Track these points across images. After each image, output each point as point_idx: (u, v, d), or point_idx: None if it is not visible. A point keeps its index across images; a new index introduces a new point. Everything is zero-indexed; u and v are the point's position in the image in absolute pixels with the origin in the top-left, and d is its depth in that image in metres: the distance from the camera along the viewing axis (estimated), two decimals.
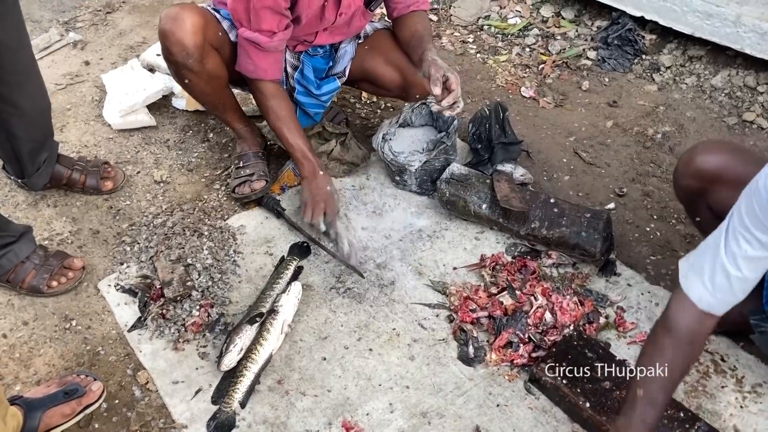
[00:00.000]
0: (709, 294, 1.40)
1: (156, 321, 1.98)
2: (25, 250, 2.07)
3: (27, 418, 1.68)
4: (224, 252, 2.20)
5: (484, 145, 2.45)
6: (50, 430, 1.72)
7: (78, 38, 3.32)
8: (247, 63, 2.14)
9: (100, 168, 2.43)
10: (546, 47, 3.25)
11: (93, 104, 2.90)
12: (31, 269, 2.06)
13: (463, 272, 2.16)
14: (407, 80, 2.34)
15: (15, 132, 2.11)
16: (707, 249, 1.41)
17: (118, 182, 2.46)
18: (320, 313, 2.04)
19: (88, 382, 1.80)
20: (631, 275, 2.15)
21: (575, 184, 2.52)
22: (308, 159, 2.23)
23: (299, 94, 2.40)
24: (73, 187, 2.41)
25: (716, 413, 1.78)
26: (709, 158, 1.70)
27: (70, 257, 2.13)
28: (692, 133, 2.73)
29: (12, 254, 2.04)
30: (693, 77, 2.97)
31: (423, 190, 2.42)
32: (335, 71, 2.39)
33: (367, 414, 1.78)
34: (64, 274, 2.09)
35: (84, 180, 2.40)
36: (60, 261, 2.11)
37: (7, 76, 1.97)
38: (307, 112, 2.46)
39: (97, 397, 1.79)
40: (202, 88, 2.21)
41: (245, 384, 1.81)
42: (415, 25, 2.28)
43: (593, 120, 2.83)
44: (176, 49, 2.06)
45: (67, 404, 1.74)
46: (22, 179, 2.32)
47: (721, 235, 1.38)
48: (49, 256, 2.10)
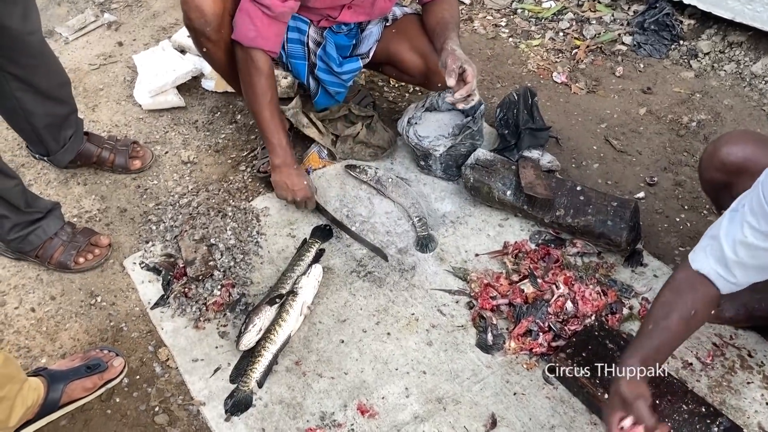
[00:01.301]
0: (707, 265, 1.45)
1: (178, 299, 2.01)
2: (53, 226, 2.10)
3: (50, 390, 1.72)
4: (247, 233, 2.21)
5: (511, 130, 2.41)
6: (72, 402, 1.77)
7: (112, 19, 3.36)
8: (249, 29, 2.05)
9: (129, 147, 2.47)
10: (580, 32, 3.18)
11: (125, 84, 2.94)
12: (59, 245, 2.10)
13: (485, 259, 2.14)
14: (430, 68, 2.31)
15: (31, 109, 2.14)
16: (711, 227, 1.48)
17: (146, 161, 2.49)
18: (340, 296, 2.04)
19: (111, 357, 1.84)
20: (658, 266, 2.10)
21: (605, 172, 2.47)
22: (284, 149, 2.20)
23: (320, 71, 2.38)
24: (102, 165, 2.45)
25: (740, 409, 1.74)
26: (735, 150, 1.65)
27: (96, 234, 2.17)
28: (729, 121, 2.65)
29: (41, 230, 2.08)
30: (732, 64, 2.87)
31: (448, 175, 2.40)
32: (359, 51, 2.37)
33: (382, 397, 1.78)
34: (90, 251, 2.13)
35: (113, 158, 2.44)
36: (87, 238, 2.15)
37: (21, 59, 2.01)
38: (328, 91, 2.44)
39: (118, 373, 1.83)
40: (220, 56, 2.20)
41: (263, 364, 1.82)
42: (443, 12, 2.24)
43: (626, 107, 2.76)
44: (194, 15, 2.05)
45: (89, 378, 1.78)
46: (48, 156, 2.37)
47: (725, 217, 1.43)
48: (76, 233, 2.15)
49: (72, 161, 2.40)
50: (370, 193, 2.37)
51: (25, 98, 2.11)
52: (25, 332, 1.97)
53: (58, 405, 1.74)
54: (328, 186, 2.40)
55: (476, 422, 1.72)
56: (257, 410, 1.76)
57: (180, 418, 1.77)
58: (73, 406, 1.78)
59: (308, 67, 2.37)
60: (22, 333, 1.97)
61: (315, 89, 2.44)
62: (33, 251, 2.10)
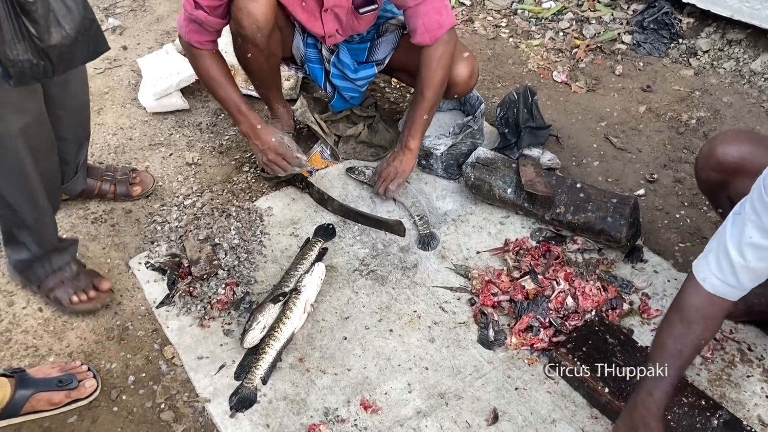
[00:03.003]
0: (713, 276, 1.41)
1: (183, 298, 2.04)
2: (59, 261, 2.00)
3: (15, 394, 1.71)
4: (251, 232, 2.24)
5: (512, 129, 2.43)
6: (34, 413, 1.76)
7: (117, 23, 3.40)
8: (180, 19, 2.14)
9: (128, 176, 2.41)
10: (580, 31, 3.20)
11: (129, 88, 2.97)
12: (59, 281, 2.00)
13: (486, 256, 2.16)
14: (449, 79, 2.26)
15: (65, 136, 2.03)
16: (717, 234, 1.43)
17: (146, 186, 2.43)
18: (343, 293, 2.06)
19: (86, 377, 1.82)
20: (658, 262, 2.12)
21: (605, 169, 2.49)
22: (243, 114, 2.21)
23: (335, 77, 2.42)
24: (104, 197, 2.39)
25: (740, 402, 1.75)
26: (730, 150, 1.65)
27: (99, 277, 2.07)
28: (728, 118, 2.67)
29: (47, 263, 1.99)
30: (731, 61, 2.89)
31: (449, 174, 2.42)
32: (375, 58, 2.39)
33: (385, 393, 1.80)
34: (87, 293, 2.02)
35: (114, 189, 2.38)
36: (89, 280, 2.04)
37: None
38: (343, 96, 2.48)
39: (87, 395, 1.80)
40: (261, 64, 2.25)
41: (267, 361, 1.85)
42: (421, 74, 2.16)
43: (626, 105, 2.78)
44: (248, 22, 2.06)
45: (56, 393, 1.76)
46: (61, 185, 2.18)
47: (728, 221, 1.39)
48: (80, 273, 2.04)
49: None
50: (372, 192, 2.39)
51: (59, 125, 1.96)
52: (33, 331, 2.00)
53: (19, 412, 1.73)
54: (331, 186, 2.42)
55: (478, 417, 1.74)
56: (261, 406, 1.78)
57: (185, 415, 1.79)
58: (33, 417, 1.76)
59: (324, 73, 2.42)
60: (30, 332, 1.99)
61: (331, 94, 2.49)
62: (36, 281, 2.02)
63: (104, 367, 1.90)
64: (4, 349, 1.95)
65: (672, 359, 1.46)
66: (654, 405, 1.45)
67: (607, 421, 1.72)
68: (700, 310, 1.44)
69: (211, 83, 2.22)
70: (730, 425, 1.62)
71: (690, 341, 1.45)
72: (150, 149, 2.64)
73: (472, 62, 2.27)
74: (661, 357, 1.47)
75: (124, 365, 1.91)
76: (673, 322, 1.48)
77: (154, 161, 2.58)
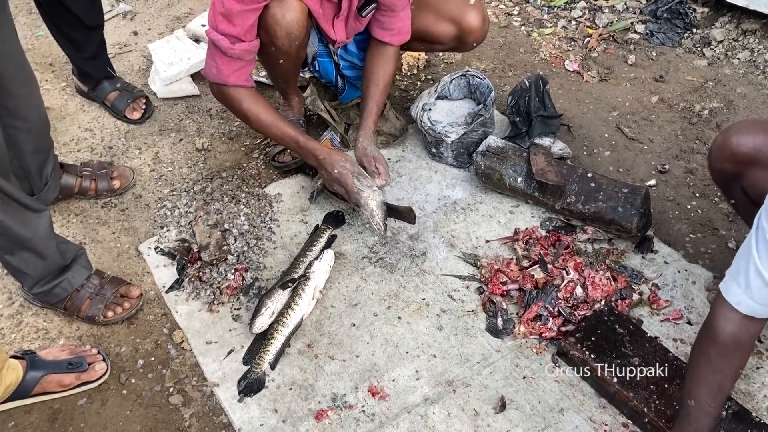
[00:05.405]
0: (747, 297, 1.36)
1: (192, 283, 2.04)
2: (79, 277, 1.96)
3: (26, 376, 1.73)
4: (260, 219, 2.24)
5: (523, 118, 2.42)
6: (44, 394, 1.78)
7: (128, 9, 3.40)
8: (211, 66, 2.05)
9: (107, 170, 2.36)
10: (593, 20, 3.17)
11: (140, 73, 2.97)
12: (86, 298, 1.96)
13: (495, 245, 2.16)
14: (463, 29, 2.28)
15: (23, 147, 1.91)
16: (742, 252, 1.38)
17: (126, 179, 2.38)
18: (351, 281, 2.07)
19: (96, 360, 1.83)
20: (668, 252, 2.11)
21: (616, 159, 2.47)
22: (302, 147, 2.15)
23: (345, 69, 2.43)
24: (85, 194, 2.33)
25: (749, 394, 1.75)
26: (745, 140, 1.62)
27: (126, 284, 2.03)
28: (741, 109, 2.64)
29: (66, 282, 1.93)
30: (746, 52, 2.86)
31: (459, 162, 2.41)
32: None
33: (393, 380, 1.81)
34: (120, 304, 1.98)
35: (95, 186, 2.32)
36: (115, 288, 2.00)
37: (16, 88, 1.77)
38: (354, 85, 2.47)
39: (97, 377, 1.82)
40: (289, 68, 2.24)
41: (276, 346, 1.85)
42: (380, 67, 2.26)
43: (638, 95, 2.76)
44: (283, 33, 2.03)
45: (67, 375, 1.78)
46: (32, 196, 1.98)
47: (752, 237, 1.34)
48: (104, 284, 1.99)
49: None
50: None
51: (19, 136, 1.85)
52: (44, 314, 2.01)
53: (30, 393, 1.75)
54: None
55: (486, 405, 1.74)
56: (270, 392, 1.79)
57: (194, 399, 1.80)
58: (44, 398, 1.78)
59: (335, 66, 2.41)
60: (40, 315, 2.01)
61: (342, 86, 2.49)
62: (60, 303, 1.96)
63: (114, 351, 1.92)
64: (15, 332, 1.97)
65: (713, 396, 1.42)
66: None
67: (614, 411, 1.72)
68: (737, 338, 1.39)
69: (264, 128, 2.15)
70: (739, 416, 1.61)
71: (730, 374, 1.42)
72: (160, 134, 2.64)
73: (481, 7, 2.27)
74: (702, 394, 1.43)
75: (133, 349, 1.92)
76: (710, 355, 1.42)
77: (164, 146, 2.58)
